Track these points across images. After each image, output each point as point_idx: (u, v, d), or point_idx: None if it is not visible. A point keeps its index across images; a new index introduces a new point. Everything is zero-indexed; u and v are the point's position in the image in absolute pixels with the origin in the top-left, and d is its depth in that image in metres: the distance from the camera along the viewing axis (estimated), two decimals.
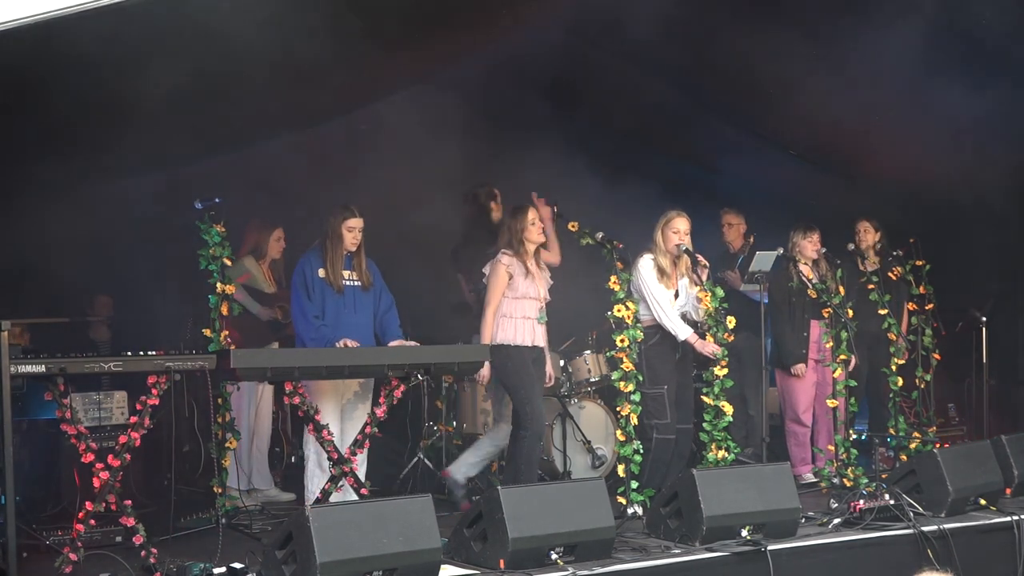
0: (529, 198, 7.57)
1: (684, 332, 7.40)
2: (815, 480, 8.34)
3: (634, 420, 7.25)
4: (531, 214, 7.30)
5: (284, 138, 8.09)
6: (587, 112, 9.52)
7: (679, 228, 7.46)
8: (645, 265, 7.44)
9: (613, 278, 7.34)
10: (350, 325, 6.84)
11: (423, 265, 8.83)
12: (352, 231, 6.91)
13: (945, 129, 8.13)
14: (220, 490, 6.76)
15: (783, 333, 8.37)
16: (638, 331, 7.30)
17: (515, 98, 8.92)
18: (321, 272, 6.86)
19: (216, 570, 5.71)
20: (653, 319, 7.45)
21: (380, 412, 6.62)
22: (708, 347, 7.45)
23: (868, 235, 8.88)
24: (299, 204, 8.59)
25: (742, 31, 7.87)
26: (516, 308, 7.25)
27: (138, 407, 5.97)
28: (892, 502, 6.90)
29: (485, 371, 7.16)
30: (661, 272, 7.44)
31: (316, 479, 6.82)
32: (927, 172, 8.70)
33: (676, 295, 7.50)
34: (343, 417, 6.95)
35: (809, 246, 8.43)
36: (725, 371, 7.55)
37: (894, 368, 8.61)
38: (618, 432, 7.36)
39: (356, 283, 6.95)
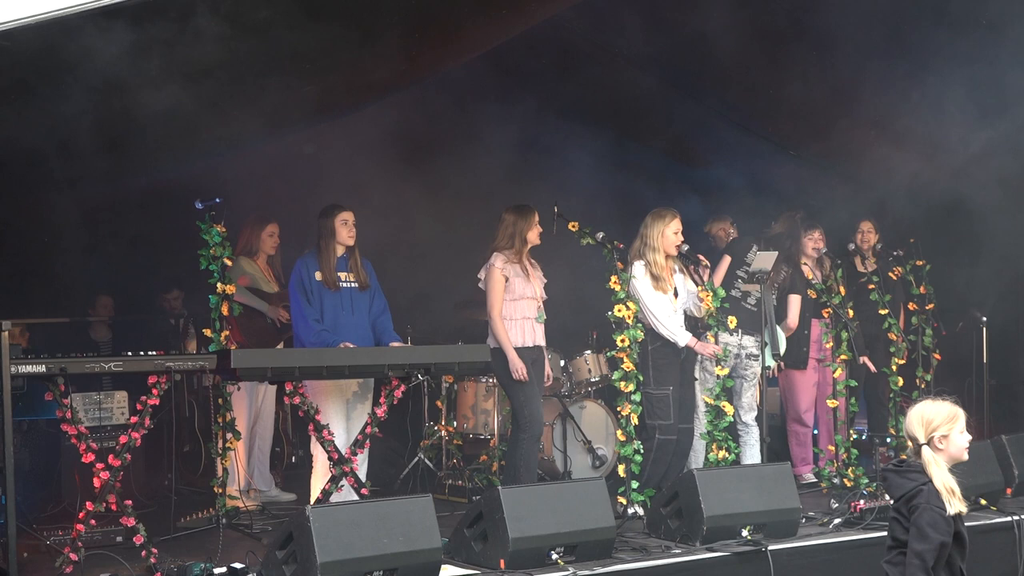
0: (526, 199, 7.57)
1: (683, 338, 7.39)
2: (816, 480, 8.34)
3: (635, 420, 7.25)
4: (536, 216, 7.30)
5: (285, 138, 8.09)
6: (585, 113, 9.52)
7: (678, 228, 7.46)
8: (638, 273, 7.39)
9: (613, 278, 7.33)
10: (347, 326, 6.85)
11: (424, 264, 8.83)
12: (346, 223, 6.94)
13: (946, 127, 8.12)
14: (220, 490, 6.76)
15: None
16: (638, 331, 7.29)
17: (511, 97, 8.92)
18: (318, 275, 6.87)
19: (217, 570, 5.71)
20: None
21: (380, 412, 6.63)
22: (709, 348, 7.46)
23: (870, 235, 8.86)
24: (299, 204, 8.58)
25: (742, 30, 7.87)
26: (515, 309, 7.25)
27: (138, 407, 5.97)
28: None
29: (520, 365, 7.11)
30: (655, 279, 7.39)
31: (324, 480, 6.82)
32: (928, 171, 8.69)
33: (676, 293, 7.49)
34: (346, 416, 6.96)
35: (810, 244, 8.42)
36: (726, 371, 7.55)
37: (894, 368, 8.61)
38: (618, 432, 7.36)
39: (353, 284, 6.96)
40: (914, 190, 8.90)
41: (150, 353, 5.95)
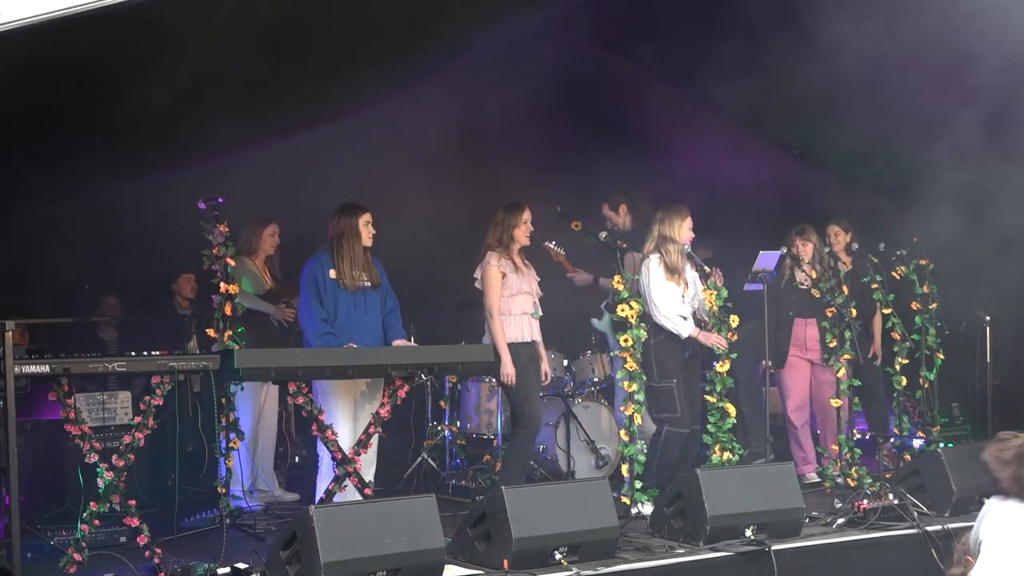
0: (520, 196, 7.59)
1: (686, 329, 7.41)
2: (819, 480, 8.33)
3: (638, 420, 7.25)
4: (526, 213, 7.32)
5: (285, 139, 8.09)
6: (589, 113, 9.53)
7: (691, 224, 7.53)
8: (653, 265, 7.43)
9: (617, 277, 7.34)
10: (361, 325, 6.86)
11: (427, 265, 8.83)
12: (368, 225, 6.97)
13: (947, 125, 8.12)
14: (224, 490, 6.76)
15: (770, 333, 8.37)
16: (642, 331, 7.30)
17: (515, 98, 8.92)
18: (332, 273, 6.87)
19: (220, 570, 5.71)
20: None
21: (384, 412, 6.63)
22: (712, 338, 7.46)
23: (839, 238, 8.81)
24: (298, 204, 8.59)
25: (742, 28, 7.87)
26: (513, 305, 7.27)
27: (142, 407, 5.97)
28: (896, 502, 6.89)
29: (511, 369, 7.14)
30: (671, 270, 7.42)
31: (328, 480, 6.83)
32: (930, 169, 8.68)
33: (687, 286, 7.51)
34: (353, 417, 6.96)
35: (807, 245, 8.43)
36: (726, 367, 7.55)
37: (898, 368, 8.60)
38: (621, 432, 7.35)
39: (366, 283, 6.97)
40: (915, 188, 8.90)
41: (153, 353, 5.96)
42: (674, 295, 7.43)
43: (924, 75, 7.81)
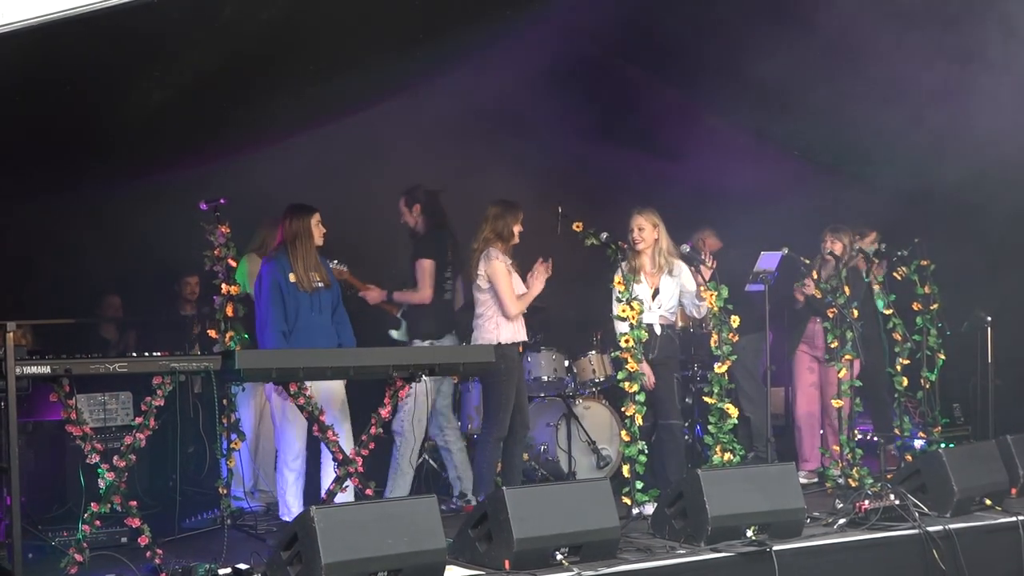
0: (530, 199, 7.59)
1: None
2: (817, 480, 8.34)
3: (639, 420, 7.24)
4: (521, 213, 7.34)
5: (286, 141, 8.10)
6: (591, 112, 9.52)
7: (633, 226, 7.50)
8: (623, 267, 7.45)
9: (618, 278, 7.33)
10: (317, 326, 6.93)
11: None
12: (319, 225, 7.03)
13: (949, 125, 8.12)
14: (225, 491, 6.76)
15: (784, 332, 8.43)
16: (643, 331, 7.29)
17: (516, 98, 8.92)
18: (291, 276, 6.89)
19: (221, 571, 5.72)
20: None
21: (385, 412, 6.63)
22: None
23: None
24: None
25: (746, 30, 7.87)
26: None
27: (143, 408, 5.98)
28: (897, 502, 6.89)
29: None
30: (633, 271, 7.41)
31: (284, 479, 6.94)
32: (932, 170, 8.68)
33: (656, 293, 7.49)
34: (340, 419, 6.98)
35: (836, 244, 8.47)
36: (724, 367, 7.54)
37: (899, 368, 8.60)
38: (623, 432, 7.36)
39: (319, 284, 7.01)
40: (917, 188, 8.90)
41: (155, 354, 5.96)
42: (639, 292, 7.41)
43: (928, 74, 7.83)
